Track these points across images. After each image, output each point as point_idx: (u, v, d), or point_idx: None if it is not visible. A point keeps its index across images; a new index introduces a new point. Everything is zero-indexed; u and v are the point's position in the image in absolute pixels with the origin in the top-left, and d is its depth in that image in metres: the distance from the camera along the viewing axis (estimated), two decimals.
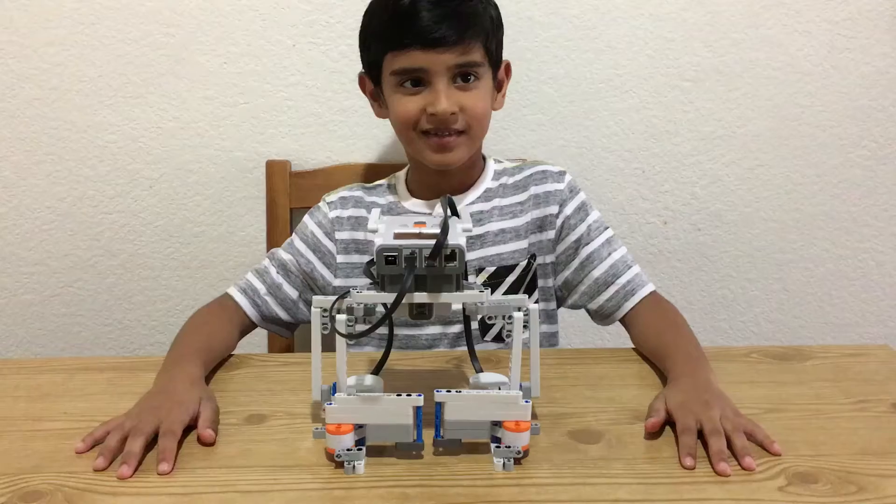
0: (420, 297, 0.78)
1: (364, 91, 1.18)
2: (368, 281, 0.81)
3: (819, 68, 1.43)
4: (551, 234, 1.18)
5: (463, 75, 1.07)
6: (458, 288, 0.78)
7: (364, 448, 0.80)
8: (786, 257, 1.53)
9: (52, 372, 1.03)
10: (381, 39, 1.08)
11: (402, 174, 1.23)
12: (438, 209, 1.15)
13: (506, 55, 1.16)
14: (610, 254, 1.16)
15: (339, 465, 0.79)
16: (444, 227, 0.76)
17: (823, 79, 1.43)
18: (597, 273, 1.15)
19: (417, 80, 1.07)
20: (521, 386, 0.82)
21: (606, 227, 1.18)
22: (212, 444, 0.83)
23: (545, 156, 1.44)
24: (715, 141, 1.46)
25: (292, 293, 1.16)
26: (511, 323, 0.81)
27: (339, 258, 1.18)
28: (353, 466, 0.78)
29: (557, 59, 1.41)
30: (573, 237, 1.17)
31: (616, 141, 1.46)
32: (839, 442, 0.85)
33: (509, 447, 0.79)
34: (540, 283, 1.19)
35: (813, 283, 1.54)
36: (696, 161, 1.47)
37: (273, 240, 1.38)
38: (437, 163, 1.11)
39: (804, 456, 0.82)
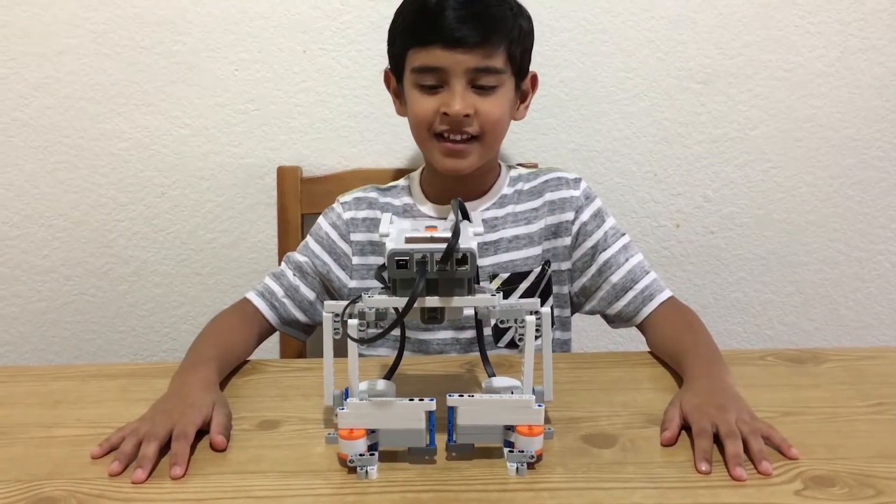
0: (432, 301, 0.77)
1: (388, 87, 1.18)
2: (381, 276, 0.81)
3: (832, 69, 1.42)
4: (567, 240, 1.17)
5: (481, 79, 1.06)
6: (470, 292, 0.78)
7: (377, 453, 0.79)
8: (800, 259, 1.52)
9: (66, 379, 1.03)
10: (405, 35, 1.09)
11: (416, 175, 1.23)
12: (451, 215, 1.14)
13: None
14: (627, 259, 1.15)
15: (352, 470, 0.79)
16: (456, 231, 0.76)
17: (836, 80, 1.42)
18: (615, 278, 1.15)
19: (436, 81, 1.07)
20: (533, 390, 0.82)
21: (623, 234, 1.17)
22: (223, 450, 0.83)
23: (556, 159, 1.43)
24: (727, 143, 1.45)
25: (310, 295, 1.16)
26: (523, 327, 0.80)
27: (355, 259, 1.18)
28: (366, 471, 0.78)
29: (568, 62, 1.41)
30: (590, 243, 1.16)
31: (627, 144, 1.45)
32: (856, 445, 0.84)
33: (522, 452, 0.79)
34: (555, 289, 1.19)
35: (828, 285, 1.53)
36: (708, 164, 1.46)
37: (284, 246, 1.38)
38: (448, 169, 1.10)
39: (821, 459, 0.81)
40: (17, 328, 1.50)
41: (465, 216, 0.85)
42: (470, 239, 0.78)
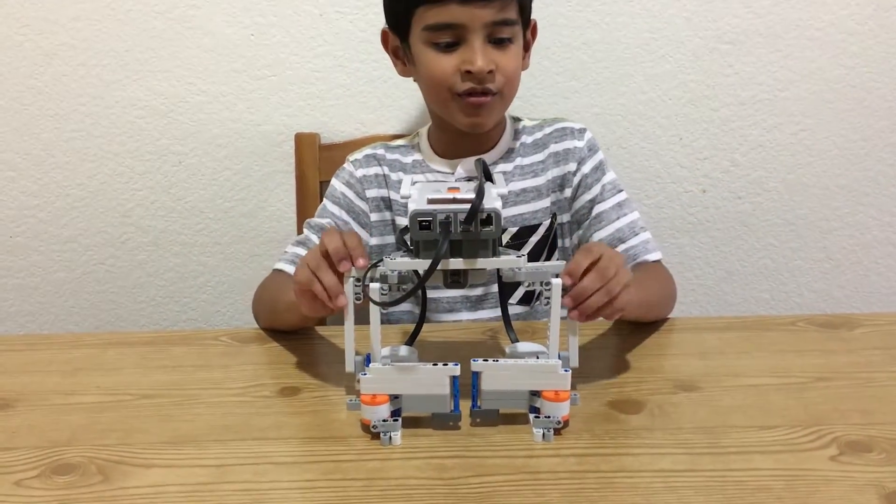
0: (455, 264, 0.75)
1: (386, 48, 1.14)
2: (403, 239, 0.80)
3: (864, 27, 1.37)
4: (569, 192, 1.16)
5: (498, 33, 1.03)
6: (495, 253, 0.76)
7: (400, 419, 0.78)
8: (830, 225, 1.48)
9: (85, 347, 1.03)
10: None
11: (424, 132, 1.20)
12: (460, 171, 1.13)
13: (538, 20, 1.13)
14: (619, 217, 1.12)
15: (375, 436, 0.77)
16: (480, 191, 0.74)
17: (869, 39, 1.38)
18: (600, 235, 1.12)
19: (453, 38, 1.03)
20: (559, 355, 0.80)
21: (621, 190, 1.15)
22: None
23: (580, 124, 1.40)
24: (756, 105, 1.41)
25: None
26: (549, 289, 0.78)
27: (373, 216, 1.17)
28: (389, 437, 0.77)
29: (591, 23, 1.37)
30: (588, 196, 1.14)
31: (652, 107, 1.42)
32: (893, 410, 0.82)
33: (548, 417, 0.77)
34: (559, 243, 1.18)
35: (859, 251, 1.49)
36: (736, 127, 1.42)
37: (303, 213, 1.36)
38: (469, 126, 1.08)
39: (856, 425, 0.79)
40: (36, 298, 1.50)
41: (489, 177, 0.82)
42: (494, 199, 0.76)
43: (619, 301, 0.80)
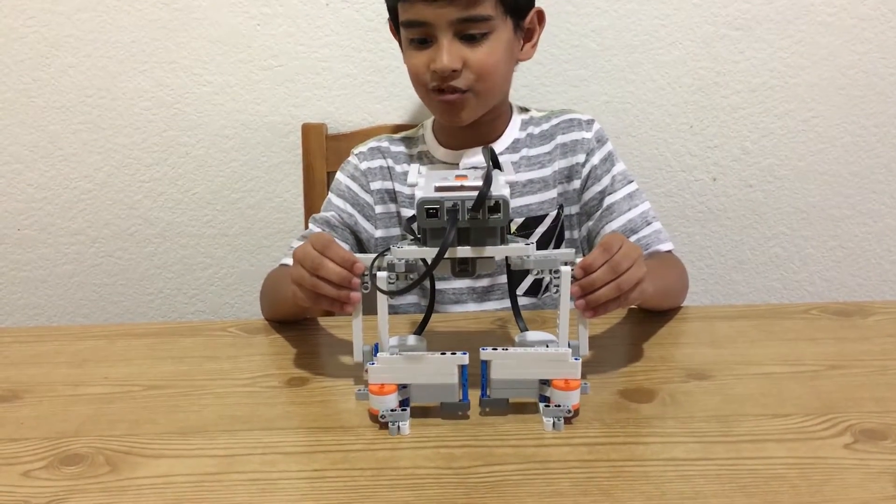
0: (463, 252, 0.75)
1: (395, 37, 1.15)
2: (411, 228, 0.79)
3: (877, 12, 1.35)
4: (577, 183, 1.15)
5: (468, 29, 1.01)
6: (503, 241, 0.75)
7: (408, 408, 0.77)
8: (842, 213, 1.46)
9: (93, 338, 1.02)
10: None
11: (429, 123, 1.20)
12: (465, 161, 1.12)
13: (546, 7, 1.11)
14: (630, 209, 1.12)
15: (384, 425, 0.77)
16: (488, 178, 0.73)
17: (882, 23, 1.36)
18: (612, 226, 1.11)
19: (423, 35, 1.03)
20: (569, 344, 0.79)
21: (631, 181, 1.14)
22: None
23: (588, 112, 1.38)
24: (767, 92, 1.39)
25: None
26: (559, 277, 0.78)
27: (378, 209, 1.17)
28: (398, 427, 0.76)
29: (600, 10, 1.35)
30: (598, 188, 1.13)
31: (662, 95, 1.40)
32: None
33: (559, 406, 0.77)
34: (566, 234, 1.17)
35: (871, 239, 1.48)
36: (746, 114, 1.41)
37: (310, 204, 1.36)
38: (448, 122, 1.09)
39: (871, 412, 0.78)
40: (44, 291, 1.50)
41: (497, 164, 0.82)
42: (502, 186, 0.75)
43: (628, 298, 0.80)
